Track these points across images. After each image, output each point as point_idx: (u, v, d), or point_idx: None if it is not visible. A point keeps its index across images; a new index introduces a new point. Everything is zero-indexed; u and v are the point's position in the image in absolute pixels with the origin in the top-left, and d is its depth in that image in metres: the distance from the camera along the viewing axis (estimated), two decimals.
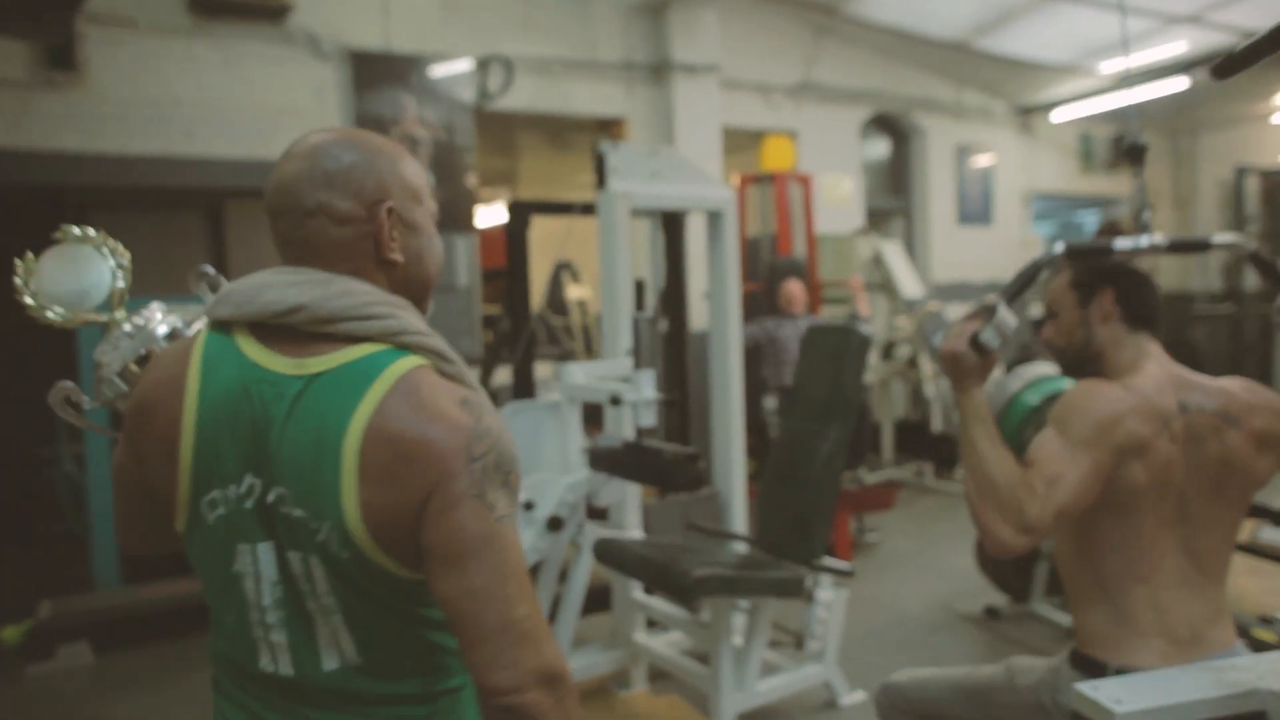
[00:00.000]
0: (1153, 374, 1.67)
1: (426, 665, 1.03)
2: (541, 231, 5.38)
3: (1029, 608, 3.82)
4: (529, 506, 2.80)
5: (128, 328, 1.16)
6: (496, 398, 3.68)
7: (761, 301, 5.83)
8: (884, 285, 6.54)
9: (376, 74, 5.25)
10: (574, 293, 9.48)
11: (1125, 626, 1.62)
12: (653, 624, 3.38)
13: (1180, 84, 7.31)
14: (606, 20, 6.04)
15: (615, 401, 2.52)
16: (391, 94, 5.29)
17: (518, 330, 3.26)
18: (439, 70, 5.42)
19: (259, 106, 4.94)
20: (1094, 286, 1.73)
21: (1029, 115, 8.43)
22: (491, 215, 11.53)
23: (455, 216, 5.55)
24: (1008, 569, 3.87)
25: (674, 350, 3.47)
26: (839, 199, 7.25)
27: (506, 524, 0.95)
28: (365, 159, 1.01)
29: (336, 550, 0.94)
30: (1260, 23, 6.61)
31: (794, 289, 5.37)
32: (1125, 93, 7.59)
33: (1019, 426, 3.68)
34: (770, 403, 5.17)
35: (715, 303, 3.51)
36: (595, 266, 4.57)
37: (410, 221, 1.04)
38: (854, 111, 7.34)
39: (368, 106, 5.21)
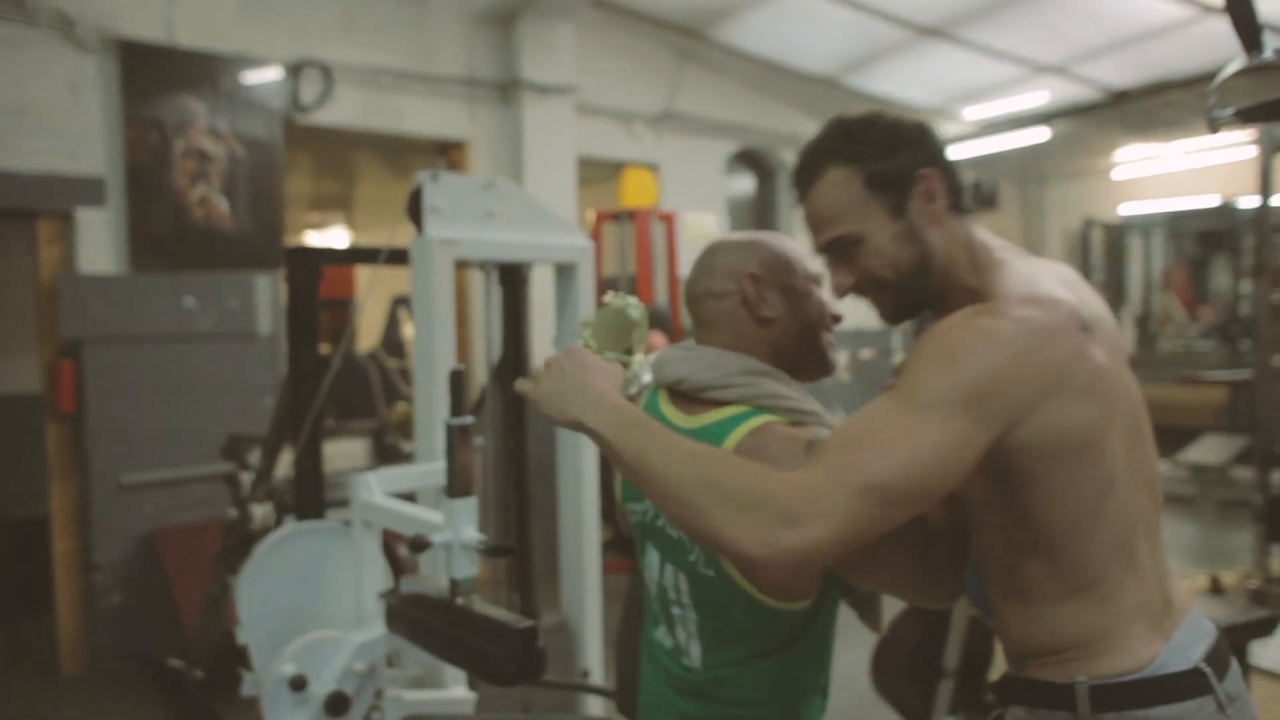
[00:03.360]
0: (1027, 269, 1.16)
1: (766, 696, 1.19)
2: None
3: None
4: (299, 685, 1.98)
5: (635, 369, 1.40)
6: (278, 497, 2.82)
7: None
8: None
9: (155, 72, 4.26)
10: (412, 331, 8.56)
11: (1107, 615, 1.11)
12: None
13: (1041, 134, 7.25)
14: (446, 29, 5.26)
15: (417, 547, 1.76)
16: (174, 98, 4.31)
17: (301, 407, 2.44)
18: (238, 73, 4.49)
19: None
20: (905, 176, 1.14)
21: None
22: (327, 242, 10.43)
23: (256, 249, 4.60)
24: (907, 686, 3.31)
25: (513, 445, 2.73)
26: (703, 238, 6.72)
27: None
28: (737, 247, 1.27)
29: (703, 570, 1.18)
30: (1121, 77, 6.59)
31: (656, 343, 4.74)
32: (988, 140, 7.47)
33: None
34: None
35: None
36: None
37: (782, 285, 1.24)
38: (719, 145, 6.85)
39: (142, 110, 4.21)
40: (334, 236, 10.34)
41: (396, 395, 9.15)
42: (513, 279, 2.76)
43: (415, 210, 2.42)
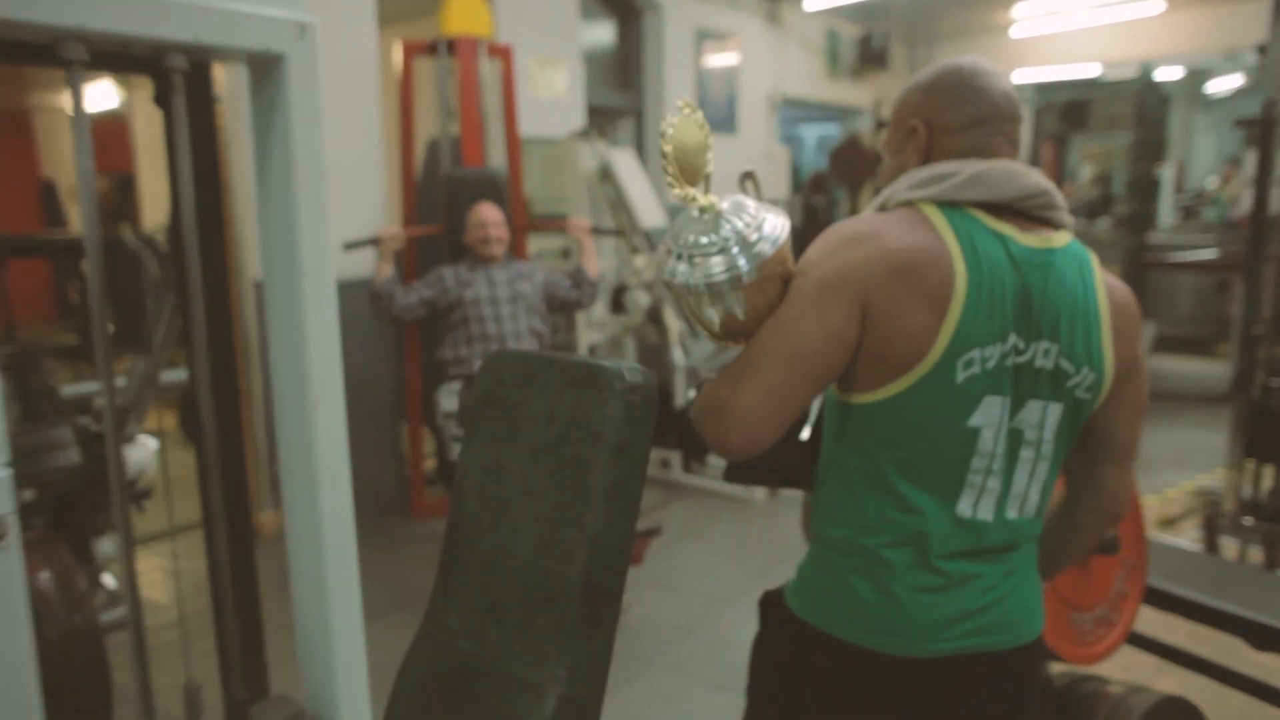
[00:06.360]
0: None
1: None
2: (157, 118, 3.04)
3: None
4: None
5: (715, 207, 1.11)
6: None
7: (442, 243, 3.90)
8: (614, 209, 4.82)
9: None
10: None
11: None
12: None
13: None
14: None
15: None
16: None
17: None
18: None
19: None
20: None
21: (777, 2, 7.00)
22: (99, 95, 8.29)
23: None
24: None
25: (220, 357, 1.48)
26: (552, 91, 5.37)
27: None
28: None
29: (1083, 395, 1.13)
30: None
31: (488, 217, 3.47)
32: None
33: None
34: (448, 402, 3.29)
35: (274, 275, 1.52)
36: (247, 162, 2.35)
37: None
38: None
39: None
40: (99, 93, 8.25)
41: None
42: (165, 84, 1.45)
43: None
